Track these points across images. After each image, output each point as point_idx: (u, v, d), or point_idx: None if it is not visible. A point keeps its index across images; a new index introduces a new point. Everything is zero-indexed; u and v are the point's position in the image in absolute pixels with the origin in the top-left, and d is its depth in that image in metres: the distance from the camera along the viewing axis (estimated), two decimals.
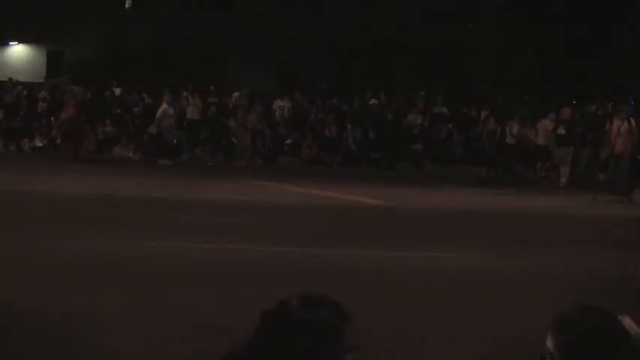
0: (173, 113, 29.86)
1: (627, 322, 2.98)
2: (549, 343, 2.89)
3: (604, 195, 22.63)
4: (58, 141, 31.29)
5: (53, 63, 45.64)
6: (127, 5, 48.18)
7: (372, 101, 34.02)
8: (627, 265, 12.78)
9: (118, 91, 33.95)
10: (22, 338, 8.40)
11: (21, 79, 38.33)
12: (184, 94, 32.46)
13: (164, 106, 29.62)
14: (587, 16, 45.07)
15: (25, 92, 33.89)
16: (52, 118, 32.19)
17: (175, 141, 29.91)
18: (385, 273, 12.16)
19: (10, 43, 47.06)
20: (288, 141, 31.67)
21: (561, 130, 27.93)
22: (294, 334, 2.35)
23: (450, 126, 33.59)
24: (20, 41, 46.91)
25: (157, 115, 29.59)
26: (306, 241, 14.16)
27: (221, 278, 11.29)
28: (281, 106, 33.52)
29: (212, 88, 33.95)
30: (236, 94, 32.96)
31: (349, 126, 31.99)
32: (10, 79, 36.64)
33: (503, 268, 12.83)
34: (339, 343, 2.36)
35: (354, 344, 2.41)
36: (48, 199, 17.70)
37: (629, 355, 2.88)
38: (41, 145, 31.35)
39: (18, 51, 47.31)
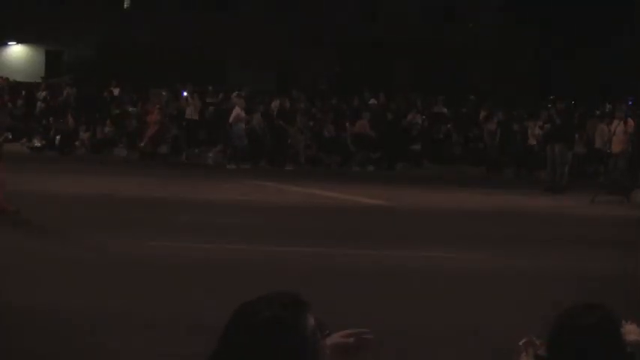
0: (245, 117, 29.37)
1: (629, 328, 2.97)
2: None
3: (604, 195, 22.63)
4: (57, 142, 31.27)
5: (52, 63, 45.65)
6: (126, 5, 48.20)
7: (371, 101, 33.99)
8: (627, 265, 12.81)
9: (116, 91, 33.93)
10: (22, 338, 8.40)
11: (19, 79, 38.34)
12: (184, 93, 32.40)
13: (237, 109, 29.12)
14: (587, 16, 45.10)
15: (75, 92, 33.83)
16: (51, 119, 32.16)
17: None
18: (385, 273, 12.16)
19: (9, 43, 47.08)
20: (288, 141, 31.62)
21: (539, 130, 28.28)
22: (255, 331, 2.52)
23: (449, 126, 33.55)
24: (19, 41, 46.93)
25: (230, 119, 29.09)
26: (306, 241, 14.15)
27: (221, 278, 11.28)
28: None
29: (211, 88, 33.91)
30: (235, 94, 32.92)
31: (348, 125, 31.95)
32: (7, 78, 36.58)
33: (503, 268, 12.82)
34: (299, 333, 2.51)
35: (325, 329, 2.61)
36: (48, 199, 17.68)
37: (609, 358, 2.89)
38: (39, 145, 31.33)
39: (17, 51, 47.33)
